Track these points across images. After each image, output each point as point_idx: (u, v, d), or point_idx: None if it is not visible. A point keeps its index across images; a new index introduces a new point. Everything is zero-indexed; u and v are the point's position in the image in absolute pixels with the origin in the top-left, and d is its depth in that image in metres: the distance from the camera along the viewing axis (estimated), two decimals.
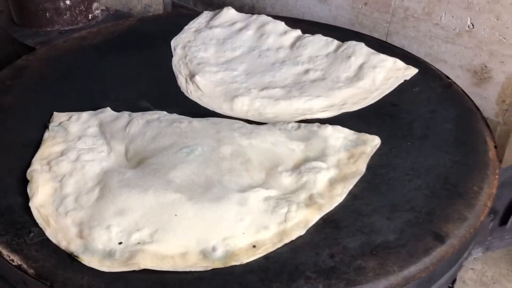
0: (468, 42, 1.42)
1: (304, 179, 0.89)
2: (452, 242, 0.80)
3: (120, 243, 0.77)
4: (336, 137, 0.99)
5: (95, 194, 0.85)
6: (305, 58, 1.28)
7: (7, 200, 0.87)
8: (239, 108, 1.12)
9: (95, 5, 1.64)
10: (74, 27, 1.60)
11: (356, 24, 1.63)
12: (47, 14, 1.56)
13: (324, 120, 1.07)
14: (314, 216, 0.83)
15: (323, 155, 0.95)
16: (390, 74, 1.22)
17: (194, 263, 0.75)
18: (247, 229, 0.79)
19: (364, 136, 1.00)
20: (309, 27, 1.42)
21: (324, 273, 0.74)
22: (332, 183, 0.89)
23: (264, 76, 1.22)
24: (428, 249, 0.78)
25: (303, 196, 0.86)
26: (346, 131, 1.01)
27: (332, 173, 0.91)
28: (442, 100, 1.14)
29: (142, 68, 1.28)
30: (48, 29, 1.58)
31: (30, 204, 0.84)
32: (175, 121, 1.02)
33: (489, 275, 1.42)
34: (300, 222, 0.82)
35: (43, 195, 0.86)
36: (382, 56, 1.25)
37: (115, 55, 1.33)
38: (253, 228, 0.80)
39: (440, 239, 0.80)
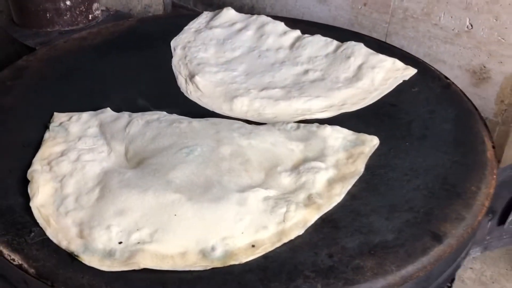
0: (467, 42, 1.42)
1: (303, 179, 0.89)
2: (450, 242, 0.80)
3: (120, 242, 0.77)
4: (335, 137, 0.99)
5: (95, 194, 0.86)
6: (304, 59, 1.28)
7: (8, 200, 0.87)
8: (238, 108, 1.12)
9: (95, 5, 1.64)
10: (75, 27, 1.59)
11: (355, 25, 1.63)
12: (48, 15, 1.56)
13: (323, 120, 1.07)
14: (312, 216, 0.83)
15: (322, 155, 0.95)
16: (389, 74, 1.22)
17: (193, 262, 0.75)
18: (246, 229, 0.80)
19: (363, 136, 1.01)
20: (308, 27, 1.42)
21: (323, 272, 0.74)
22: (330, 183, 0.89)
23: (264, 77, 1.22)
24: (426, 248, 0.78)
25: (302, 196, 0.86)
26: (345, 132, 1.01)
27: (331, 173, 0.91)
28: (441, 101, 1.14)
29: (142, 68, 1.28)
30: (49, 29, 1.58)
31: (31, 204, 0.84)
32: (174, 121, 1.02)
33: (488, 275, 1.42)
34: (299, 222, 0.82)
35: (43, 195, 0.86)
36: (381, 56, 1.25)
37: (115, 55, 1.33)
38: (252, 228, 0.80)
39: (438, 239, 0.80)
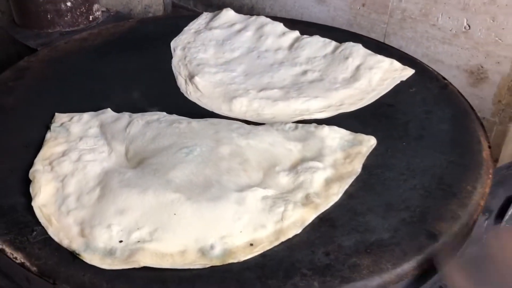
0: (465, 43, 1.43)
1: (301, 178, 0.90)
2: (446, 241, 0.81)
3: (120, 241, 0.78)
4: (332, 137, 1.00)
5: (96, 194, 0.86)
6: (303, 59, 1.29)
7: (10, 199, 0.87)
8: (237, 108, 1.13)
9: (95, 6, 1.65)
10: (75, 28, 1.59)
11: (354, 25, 1.64)
12: (48, 16, 1.56)
13: (321, 120, 1.08)
14: (310, 215, 0.84)
15: (319, 155, 0.96)
16: (387, 75, 1.22)
17: (192, 260, 0.76)
18: (245, 227, 0.80)
19: (360, 136, 1.01)
20: (307, 28, 1.42)
21: (319, 270, 0.75)
22: (328, 183, 0.90)
23: (263, 77, 1.23)
24: (422, 247, 0.79)
25: (300, 196, 0.87)
26: (342, 132, 1.02)
27: (329, 173, 0.92)
28: (438, 101, 1.15)
29: (142, 69, 1.28)
30: (49, 30, 1.58)
31: (33, 204, 0.85)
32: (174, 121, 1.03)
33: None
34: (296, 221, 0.83)
35: (45, 195, 0.87)
36: (379, 57, 1.26)
37: (116, 56, 1.33)
38: (250, 226, 0.81)
39: (434, 237, 0.81)
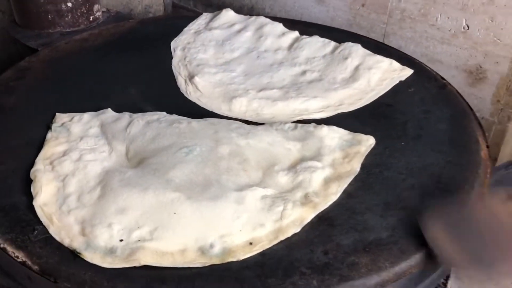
0: (464, 43, 1.43)
1: (300, 178, 0.90)
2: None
3: (121, 240, 0.79)
4: (331, 137, 1.01)
5: (97, 193, 0.87)
6: (302, 60, 1.29)
7: (12, 199, 0.88)
8: (237, 108, 1.14)
9: (96, 7, 1.65)
10: (76, 29, 1.60)
11: (353, 25, 1.65)
12: (49, 16, 1.57)
13: (320, 120, 1.08)
14: (309, 214, 0.85)
15: (318, 155, 0.97)
16: (386, 75, 1.23)
17: (192, 259, 0.77)
18: (244, 226, 0.81)
19: (359, 136, 1.02)
20: (306, 28, 1.43)
21: (318, 269, 0.76)
22: (327, 182, 0.91)
23: (262, 77, 1.23)
24: (420, 246, 0.79)
25: (299, 195, 0.87)
26: (341, 131, 1.03)
27: (327, 172, 0.93)
28: (437, 101, 1.15)
29: (143, 69, 1.29)
30: (50, 30, 1.59)
31: (34, 203, 0.85)
32: (174, 121, 1.03)
33: None
34: (295, 220, 0.83)
35: (46, 194, 0.87)
36: (378, 57, 1.26)
37: (116, 56, 1.34)
38: (249, 225, 0.81)
39: None
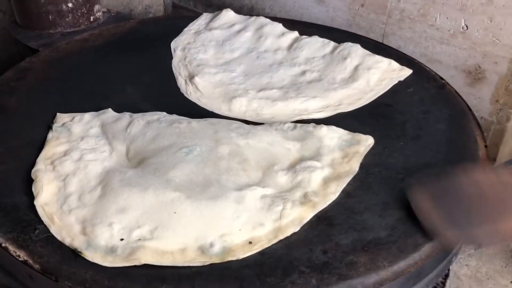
0: (462, 43, 1.44)
1: (299, 177, 0.91)
2: None
3: (121, 239, 0.79)
4: (330, 137, 1.01)
5: (97, 193, 0.87)
6: (302, 60, 1.30)
7: (13, 198, 0.89)
8: (237, 108, 1.14)
9: (96, 7, 1.66)
10: (76, 29, 1.61)
11: (353, 25, 1.65)
12: (50, 17, 1.58)
13: (320, 120, 1.09)
14: (308, 214, 0.85)
15: (318, 155, 0.97)
16: (385, 75, 1.23)
17: (192, 258, 0.77)
18: (244, 226, 0.81)
19: (358, 136, 1.02)
20: (306, 28, 1.43)
21: (317, 268, 0.76)
22: (326, 182, 0.91)
23: (262, 78, 1.24)
24: (418, 245, 0.80)
25: (298, 194, 0.88)
26: (340, 131, 1.03)
27: (326, 172, 0.93)
28: (435, 101, 1.16)
29: (143, 69, 1.29)
30: (51, 31, 1.60)
31: (35, 203, 0.86)
32: (174, 121, 1.04)
33: (483, 271, 1.44)
34: (294, 219, 0.84)
35: (47, 194, 0.88)
36: (377, 57, 1.27)
37: (117, 56, 1.34)
38: (249, 225, 0.82)
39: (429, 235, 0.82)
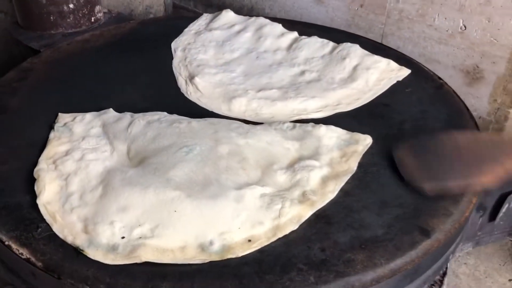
0: (461, 43, 1.44)
1: (298, 176, 0.92)
2: (438, 237, 0.83)
3: (122, 237, 0.80)
4: (329, 136, 1.02)
5: (98, 192, 0.88)
6: (301, 60, 1.30)
7: (16, 197, 0.89)
8: (237, 108, 1.15)
9: (97, 8, 1.67)
10: (78, 30, 1.61)
11: (352, 26, 1.66)
12: (51, 17, 1.59)
13: (319, 120, 1.09)
14: (307, 212, 0.86)
15: (316, 154, 0.98)
16: (383, 75, 1.24)
17: (192, 256, 0.78)
18: (243, 224, 0.82)
19: (357, 135, 1.03)
20: (305, 28, 1.44)
21: (315, 265, 0.77)
22: (324, 181, 0.92)
23: (261, 78, 1.25)
24: (415, 243, 0.81)
25: (297, 193, 0.89)
26: (339, 131, 1.04)
27: (325, 171, 0.94)
28: (433, 101, 1.17)
29: (144, 70, 1.30)
30: (52, 32, 1.60)
31: (38, 201, 0.87)
32: (174, 121, 1.04)
33: (481, 270, 1.45)
34: (293, 217, 0.85)
35: (49, 193, 0.88)
36: (376, 57, 1.27)
37: (117, 57, 1.35)
38: (248, 223, 0.83)
39: (426, 233, 0.83)
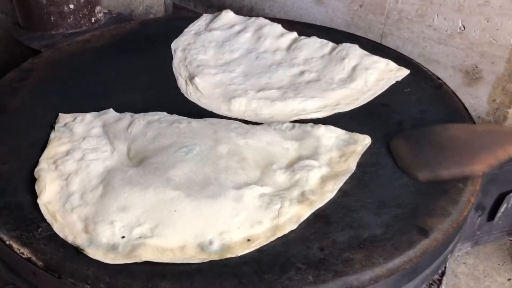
0: (460, 43, 1.44)
1: (297, 176, 0.92)
2: (436, 236, 0.83)
3: (123, 237, 0.81)
4: (328, 136, 1.02)
5: (99, 192, 0.89)
6: (300, 60, 1.31)
7: (17, 197, 0.90)
8: (236, 108, 1.15)
9: (97, 8, 1.67)
10: (78, 30, 1.62)
11: (352, 26, 1.66)
12: (52, 18, 1.59)
13: (318, 120, 1.10)
14: (305, 212, 0.86)
15: (315, 154, 0.98)
16: (383, 75, 1.24)
17: (192, 255, 0.79)
18: (242, 224, 0.83)
19: (356, 135, 1.04)
20: (305, 29, 1.44)
21: (314, 264, 0.78)
22: (323, 181, 0.93)
23: (261, 78, 1.25)
24: (413, 242, 0.82)
25: (296, 193, 0.89)
26: (338, 131, 1.04)
27: (324, 171, 0.94)
28: (432, 101, 1.17)
29: (144, 70, 1.30)
30: (53, 32, 1.60)
31: (38, 201, 0.87)
32: (174, 121, 1.05)
33: (480, 269, 1.45)
34: (292, 217, 0.85)
35: (50, 193, 0.89)
36: (375, 57, 1.28)
37: (118, 57, 1.35)
38: (248, 223, 0.83)
39: (424, 233, 0.83)
